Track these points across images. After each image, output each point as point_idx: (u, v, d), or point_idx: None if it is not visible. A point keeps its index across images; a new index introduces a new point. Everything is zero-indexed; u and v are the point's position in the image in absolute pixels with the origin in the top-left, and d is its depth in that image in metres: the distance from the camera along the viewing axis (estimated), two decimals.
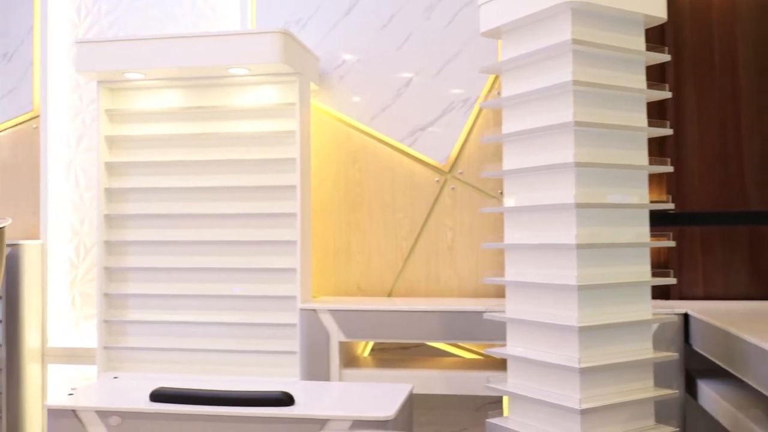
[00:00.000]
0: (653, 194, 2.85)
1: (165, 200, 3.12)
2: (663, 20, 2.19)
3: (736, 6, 3.04)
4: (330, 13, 3.32)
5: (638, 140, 2.18)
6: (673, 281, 2.23)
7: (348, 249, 3.28)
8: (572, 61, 2.05)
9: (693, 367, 2.65)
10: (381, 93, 3.28)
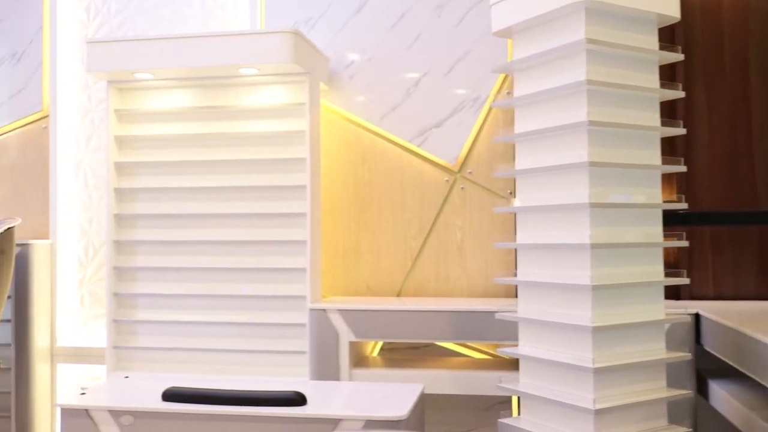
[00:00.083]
0: (664, 194, 2.84)
1: (174, 200, 3.12)
2: (676, 19, 2.19)
3: (747, 5, 3.03)
4: (340, 13, 3.32)
5: (651, 140, 2.18)
6: (686, 281, 2.23)
7: (357, 249, 3.28)
8: (586, 61, 2.05)
9: (704, 368, 2.65)
10: (390, 93, 3.27)
